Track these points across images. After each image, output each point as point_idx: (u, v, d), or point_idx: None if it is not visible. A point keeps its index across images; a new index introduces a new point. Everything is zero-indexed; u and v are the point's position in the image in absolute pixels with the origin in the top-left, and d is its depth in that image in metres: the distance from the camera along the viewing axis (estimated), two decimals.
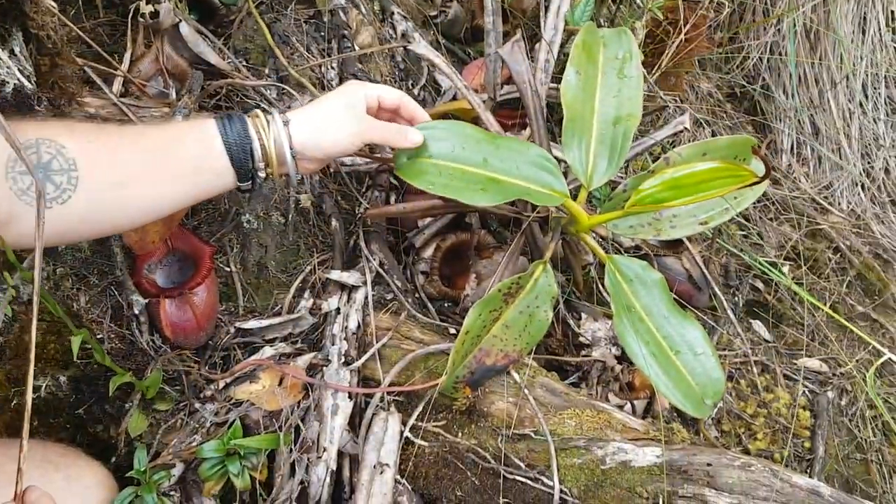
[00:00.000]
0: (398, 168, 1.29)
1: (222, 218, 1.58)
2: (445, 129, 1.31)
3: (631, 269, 1.35)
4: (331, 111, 1.21)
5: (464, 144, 1.31)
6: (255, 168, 1.16)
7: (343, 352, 1.47)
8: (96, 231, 1.11)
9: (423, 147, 1.29)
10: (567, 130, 1.38)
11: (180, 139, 1.11)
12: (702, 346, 1.32)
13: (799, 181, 2.38)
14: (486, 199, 1.27)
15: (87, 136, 1.02)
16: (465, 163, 1.30)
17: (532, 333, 1.39)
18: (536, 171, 1.33)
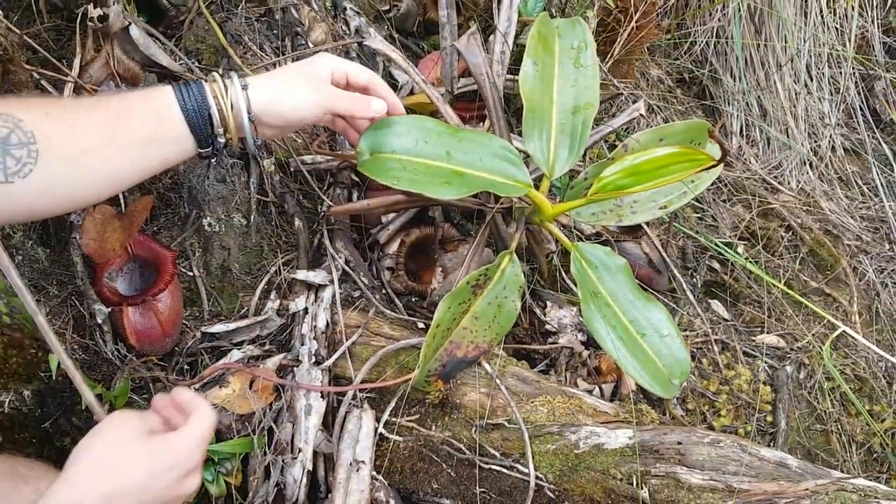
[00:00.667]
0: (361, 164, 1.28)
1: (183, 222, 1.56)
2: (407, 124, 1.31)
3: (596, 255, 1.37)
4: (293, 77, 1.20)
5: (426, 138, 1.31)
6: (215, 133, 1.13)
7: (313, 351, 1.46)
8: (59, 205, 1.07)
9: (385, 141, 1.28)
10: (527, 121, 1.40)
11: (137, 107, 1.08)
12: (667, 327, 1.35)
13: (749, 162, 2.43)
14: (451, 192, 1.27)
15: (43, 109, 1.01)
16: (428, 157, 1.30)
17: (501, 324, 1.40)
18: (499, 163, 1.34)
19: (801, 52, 2.41)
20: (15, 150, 0.96)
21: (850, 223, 2.42)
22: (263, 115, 1.16)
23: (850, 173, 2.56)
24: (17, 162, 0.96)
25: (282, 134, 1.26)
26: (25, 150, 0.96)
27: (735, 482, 1.20)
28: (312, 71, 1.21)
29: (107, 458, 0.91)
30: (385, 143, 1.28)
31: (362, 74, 1.26)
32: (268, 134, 1.21)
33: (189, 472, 0.96)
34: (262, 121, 1.16)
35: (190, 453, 0.95)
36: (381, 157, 1.28)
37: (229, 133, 1.14)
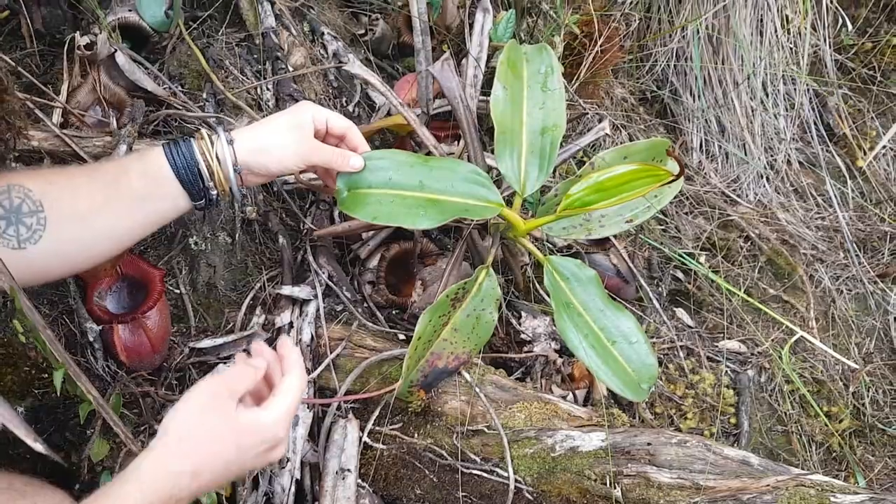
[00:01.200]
0: (340, 203, 1.33)
1: (169, 241, 1.60)
2: (381, 158, 1.36)
3: (567, 268, 1.44)
4: (277, 131, 1.26)
5: (399, 170, 1.36)
6: (206, 186, 1.20)
7: None
8: (70, 267, 1.17)
9: (361, 178, 1.33)
10: (499, 142, 1.46)
11: (132, 169, 1.17)
12: (636, 335, 1.42)
13: (709, 176, 2.53)
14: (427, 220, 1.32)
15: (48, 178, 1.09)
16: (402, 188, 1.35)
17: (480, 335, 1.46)
18: (471, 187, 1.40)
19: (756, 70, 2.52)
20: (26, 218, 1.05)
21: (806, 233, 2.53)
22: (248, 167, 1.23)
23: (806, 185, 2.67)
24: (28, 229, 1.04)
25: (267, 180, 1.33)
26: (35, 217, 1.05)
27: (701, 480, 1.28)
28: (295, 122, 1.26)
29: (196, 434, 0.95)
30: (361, 180, 1.33)
31: (341, 122, 1.31)
32: (254, 182, 1.28)
33: (275, 446, 1.01)
34: (248, 171, 1.23)
35: (277, 430, 1.00)
36: (358, 193, 1.33)
37: (219, 185, 1.21)
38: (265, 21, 1.80)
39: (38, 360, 1.38)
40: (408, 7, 2.00)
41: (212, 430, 0.96)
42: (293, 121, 1.27)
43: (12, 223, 1.04)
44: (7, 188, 1.04)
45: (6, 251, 1.02)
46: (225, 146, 1.21)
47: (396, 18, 2.14)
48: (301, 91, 1.83)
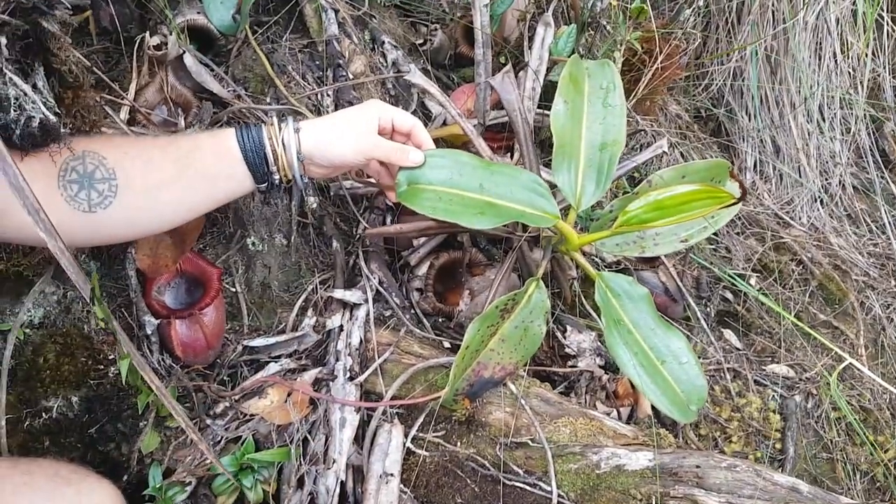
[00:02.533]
0: (399, 195, 1.34)
1: (227, 241, 1.61)
2: (443, 157, 1.37)
3: (619, 285, 1.41)
4: (342, 125, 1.29)
5: (461, 171, 1.37)
6: (270, 171, 1.25)
7: (347, 367, 1.51)
8: (135, 232, 1.24)
9: (422, 174, 1.35)
10: (557, 156, 1.45)
11: (204, 146, 1.22)
12: (686, 355, 1.39)
13: (762, 197, 2.48)
14: (484, 221, 1.33)
15: (123, 148, 1.14)
16: (462, 188, 1.36)
17: (527, 347, 1.45)
18: (529, 195, 1.39)
19: (814, 93, 2.46)
20: (98, 184, 1.10)
21: (858, 259, 2.46)
22: (312, 157, 1.27)
23: (859, 211, 2.60)
24: (99, 195, 1.10)
25: (330, 174, 1.37)
26: (107, 184, 1.11)
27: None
28: (361, 119, 1.30)
29: None
30: (422, 176, 1.35)
31: (407, 120, 1.35)
32: (317, 173, 1.31)
33: None
34: (311, 161, 1.27)
35: None
36: (417, 188, 1.34)
37: (282, 171, 1.26)
38: (328, 29, 1.81)
39: (95, 351, 1.39)
40: (465, 18, 2.00)
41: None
42: (358, 116, 1.31)
43: (84, 187, 1.09)
44: (82, 154, 1.09)
45: (76, 213, 1.08)
46: (291, 134, 1.25)
47: (454, 29, 2.14)
48: (360, 98, 1.83)
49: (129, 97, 1.58)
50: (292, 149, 1.24)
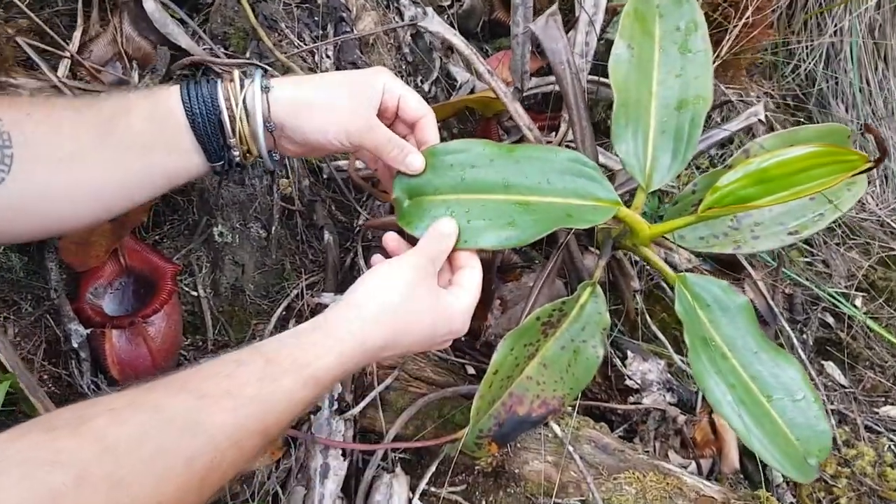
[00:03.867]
0: (400, 217, 1.01)
1: (190, 231, 1.32)
2: (452, 153, 1.03)
3: (708, 291, 1.08)
4: (333, 90, 0.97)
5: (475, 167, 1.03)
6: (227, 144, 0.94)
7: (336, 396, 1.19)
8: (38, 225, 0.91)
9: (426, 182, 1.02)
10: (618, 117, 1.12)
11: (134, 108, 0.91)
12: (801, 389, 1.06)
13: (866, 201, 2.11)
14: (517, 234, 0.99)
15: (25, 109, 0.86)
16: (481, 190, 1.03)
17: (577, 376, 1.12)
18: (573, 181, 1.05)
19: None
20: None
21: None
22: (284, 126, 0.95)
23: None
24: None
25: (304, 154, 1.04)
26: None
27: None
28: (360, 85, 0.98)
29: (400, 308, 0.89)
30: (425, 184, 1.01)
31: (417, 106, 1.01)
32: (290, 151, 1.00)
33: (453, 336, 0.98)
34: (282, 132, 0.95)
35: (464, 318, 0.96)
36: (422, 201, 1.01)
37: (244, 144, 0.95)
38: None
39: None
40: None
41: (416, 305, 0.90)
42: (358, 82, 0.98)
43: None
44: None
45: None
46: (257, 93, 0.93)
47: None
48: (368, 63, 1.53)
49: (72, 48, 1.29)
50: (257, 114, 0.93)
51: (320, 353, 0.81)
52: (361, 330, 0.84)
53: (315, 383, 0.79)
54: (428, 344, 0.95)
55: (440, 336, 0.94)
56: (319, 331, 0.83)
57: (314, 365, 0.79)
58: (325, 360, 0.80)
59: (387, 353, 0.90)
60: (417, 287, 0.90)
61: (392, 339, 0.88)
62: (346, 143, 0.96)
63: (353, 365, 0.85)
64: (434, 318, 0.92)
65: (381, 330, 0.86)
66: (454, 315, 0.94)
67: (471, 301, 0.96)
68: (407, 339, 0.90)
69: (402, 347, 0.91)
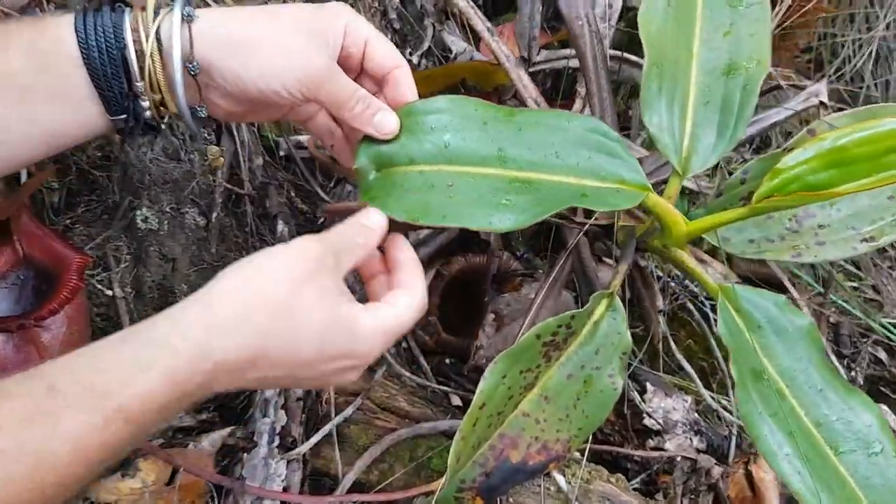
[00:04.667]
0: (365, 193, 0.79)
1: (109, 214, 1.10)
2: (433, 113, 0.81)
3: (761, 308, 0.86)
4: (280, 24, 0.74)
5: (463, 130, 0.81)
6: (134, 91, 0.72)
7: (279, 429, 0.96)
8: None
9: (399, 148, 0.79)
10: (649, 81, 0.90)
11: (14, 40, 0.70)
12: (879, 439, 0.85)
13: None
14: (511, 216, 0.76)
15: None
16: (469, 162, 0.80)
17: (588, 413, 0.90)
18: (590, 156, 0.83)
19: None
20: None
21: None
22: (212, 71, 0.72)
23: None
24: None
25: (242, 118, 0.82)
26: None
27: None
28: (317, 22, 0.75)
29: (279, 309, 0.64)
30: (399, 150, 0.79)
31: (389, 54, 0.80)
32: (222, 108, 0.77)
33: (358, 367, 0.73)
34: (212, 79, 0.73)
35: (373, 345, 0.71)
36: (393, 173, 0.79)
37: (156, 91, 0.73)
38: None
39: None
40: None
41: (301, 311, 0.66)
42: (314, 18, 0.76)
43: None
44: None
45: None
46: (176, 22, 0.70)
47: None
48: None
49: None
50: (175, 50, 0.71)
51: (132, 374, 0.57)
52: (207, 337, 0.60)
53: (125, 420, 0.55)
54: (318, 370, 0.69)
55: (335, 361, 0.70)
56: (136, 339, 0.59)
57: (122, 393, 0.55)
58: (142, 384, 0.56)
59: (255, 376, 0.65)
60: (306, 285, 0.66)
61: (261, 355, 0.63)
62: (298, 95, 0.74)
63: (196, 388, 0.60)
64: (324, 333, 0.67)
65: (242, 339, 0.61)
66: (361, 335, 0.70)
67: (393, 321, 0.72)
68: (285, 356, 0.66)
69: (279, 369, 0.66)
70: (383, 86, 0.82)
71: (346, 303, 0.69)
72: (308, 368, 0.68)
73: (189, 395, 0.60)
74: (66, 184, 1.11)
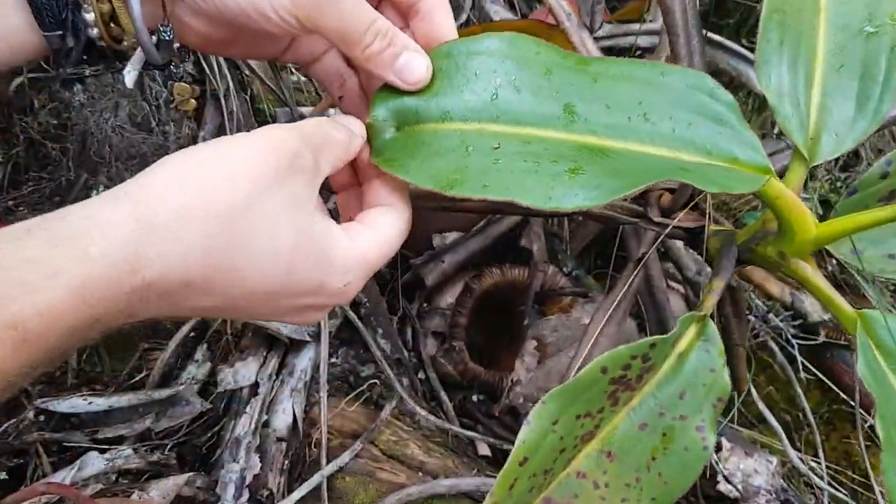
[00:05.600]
0: (377, 154, 0.60)
1: (61, 196, 0.90)
2: (479, 55, 0.61)
3: None
4: None
5: (517, 80, 0.61)
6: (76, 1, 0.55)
7: (250, 478, 0.75)
8: None
9: (426, 102, 0.61)
10: (768, 28, 0.69)
11: None
12: None
13: None
14: (581, 192, 0.55)
15: None
16: (524, 120, 0.61)
17: (667, 478, 0.68)
18: (689, 121, 0.62)
19: None
20: None
21: None
22: None
23: None
24: None
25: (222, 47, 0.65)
26: None
27: None
28: None
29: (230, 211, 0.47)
30: (430, 103, 0.61)
31: None
32: (194, 32, 0.59)
33: (326, 307, 0.57)
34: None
35: (349, 285, 0.55)
36: (419, 130, 0.60)
37: (101, 1, 0.56)
38: None
39: None
40: None
41: (264, 223, 0.49)
42: None
43: None
44: None
45: None
46: None
47: None
48: None
49: None
50: None
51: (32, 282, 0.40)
52: (135, 245, 0.43)
53: (22, 340, 0.39)
54: (277, 304, 0.54)
55: (301, 297, 0.54)
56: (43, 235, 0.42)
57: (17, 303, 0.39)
58: (44, 295, 0.40)
59: (195, 304, 0.49)
60: (274, 188, 0.50)
61: (205, 277, 0.47)
62: (290, 21, 0.55)
63: (115, 312, 0.43)
64: (292, 256, 0.51)
65: (182, 252, 0.45)
66: (337, 264, 0.55)
67: (377, 250, 0.58)
68: (236, 282, 0.49)
69: (225, 297, 0.50)
70: (411, 17, 0.62)
71: (323, 220, 0.54)
72: (265, 301, 0.53)
73: (105, 320, 0.42)
74: (11, 157, 0.92)
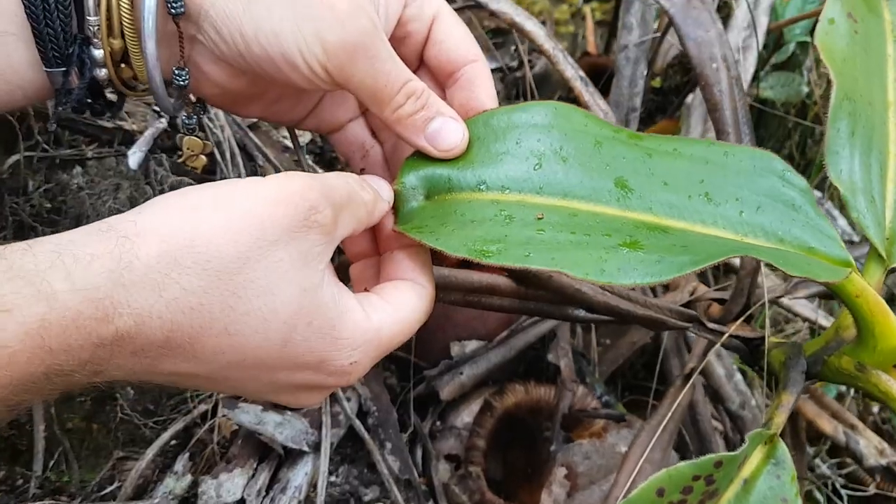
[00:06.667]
0: (404, 221, 0.56)
1: None
2: (519, 125, 0.58)
3: None
4: None
5: (563, 150, 0.57)
6: (88, 36, 0.51)
7: None
8: None
9: (460, 170, 0.57)
10: (837, 117, 0.64)
11: None
12: None
13: None
14: (644, 266, 0.49)
15: None
16: (570, 193, 0.56)
17: None
18: (759, 205, 0.57)
19: None
20: None
21: None
22: (205, 15, 0.51)
23: None
24: None
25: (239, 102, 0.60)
26: None
27: None
28: None
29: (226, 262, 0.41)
30: (465, 171, 0.57)
31: (463, 40, 0.59)
32: (210, 79, 0.55)
33: (327, 388, 0.51)
34: (200, 28, 0.52)
35: (356, 364, 0.48)
36: (451, 200, 0.57)
37: (114, 37, 0.52)
38: None
39: None
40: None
41: (265, 281, 0.43)
42: None
43: None
44: None
45: None
46: None
47: None
48: None
49: None
50: None
51: None
52: (111, 287, 0.38)
53: None
54: (271, 378, 0.47)
55: (300, 371, 0.47)
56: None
57: None
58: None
59: (174, 368, 0.42)
60: (281, 242, 0.44)
61: (193, 334, 0.41)
62: (318, 72, 0.52)
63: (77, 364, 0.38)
64: (294, 323, 0.45)
65: (164, 305, 0.39)
66: (346, 329, 0.47)
67: (393, 327, 0.51)
68: (225, 347, 0.43)
69: (211, 364, 0.43)
70: (449, 86, 0.58)
71: (334, 284, 0.48)
72: (257, 373, 0.46)
73: (66, 372, 0.37)
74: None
